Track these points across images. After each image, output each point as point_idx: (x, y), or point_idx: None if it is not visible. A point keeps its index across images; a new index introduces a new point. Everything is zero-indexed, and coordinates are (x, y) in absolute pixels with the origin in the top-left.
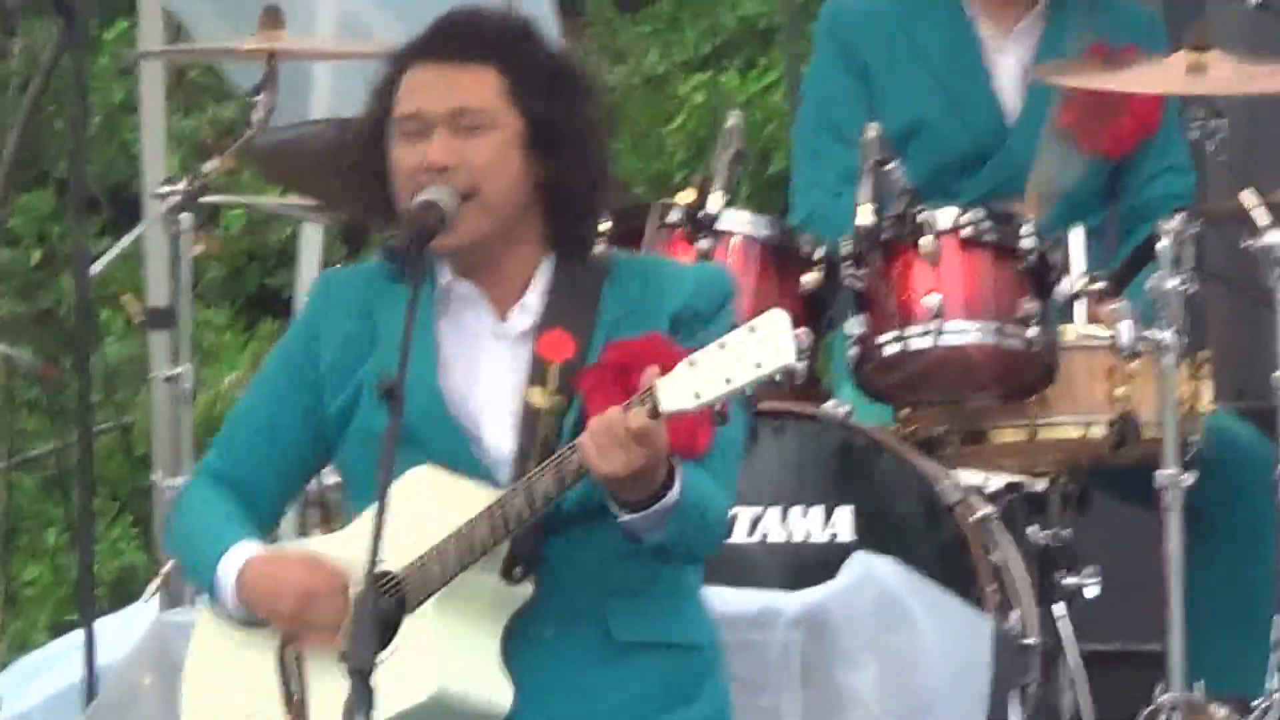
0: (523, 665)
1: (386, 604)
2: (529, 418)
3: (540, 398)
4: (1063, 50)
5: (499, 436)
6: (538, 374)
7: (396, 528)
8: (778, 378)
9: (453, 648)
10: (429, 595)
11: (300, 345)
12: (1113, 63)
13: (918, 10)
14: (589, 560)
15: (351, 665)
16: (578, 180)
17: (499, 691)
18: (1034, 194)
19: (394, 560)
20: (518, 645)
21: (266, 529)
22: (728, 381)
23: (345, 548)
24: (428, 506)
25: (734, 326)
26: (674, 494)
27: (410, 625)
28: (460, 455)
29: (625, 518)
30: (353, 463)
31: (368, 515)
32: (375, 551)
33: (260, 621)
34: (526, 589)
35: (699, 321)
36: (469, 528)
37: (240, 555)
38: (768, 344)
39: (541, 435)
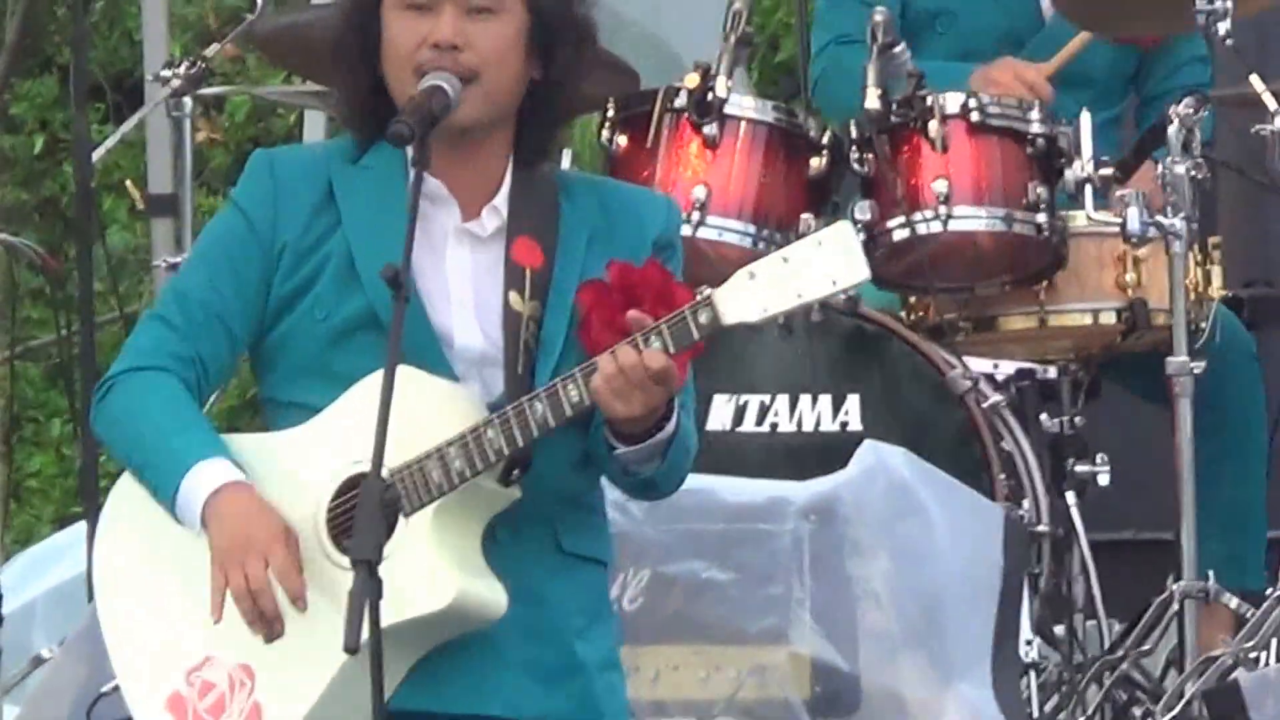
0: None
1: (389, 499)
2: (511, 322)
3: (520, 303)
4: None
5: (470, 339)
6: (514, 279)
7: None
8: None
9: (456, 551)
10: (430, 499)
11: (252, 222)
12: None
13: None
14: (549, 468)
15: (356, 556)
16: (565, 84)
17: (497, 592)
18: (1051, 67)
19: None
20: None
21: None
22: (798, 295)
23: (314, 443)
24: (410, 406)
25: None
26: (671, 426)
27: (407, 528)
28: (431, 354)
29: (623, 450)
30: (297, 344)
31: (341, 407)
32: (381, 441)
33: None
34: (515, 493)
35: (670, 248)
36: (476, 433)
37: (215, 476)
38: (839, 257)
39: (524, 340)
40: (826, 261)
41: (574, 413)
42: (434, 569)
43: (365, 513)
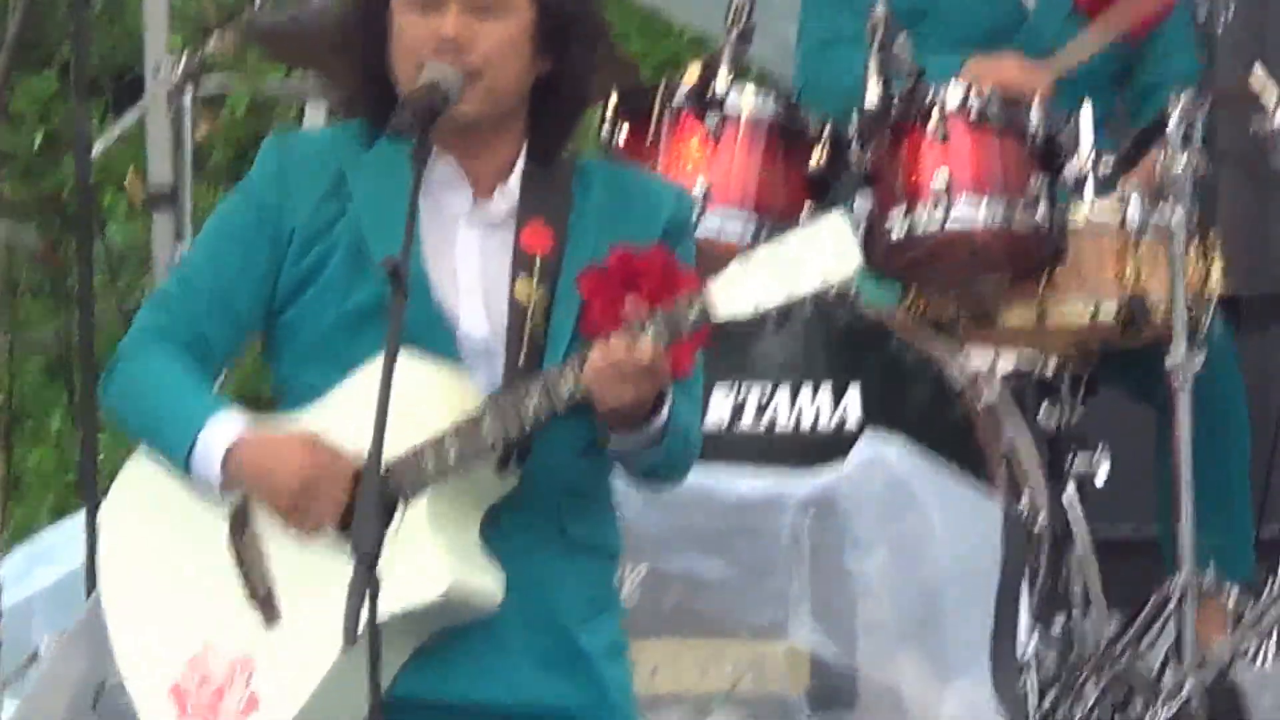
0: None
1: (388, 491)
2: (515, 311)
3: (525, 290)
4: None
5: (475, 324)
6: (522, 265)
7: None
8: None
9: (452, 540)
10: (426, 488)
11: (260, 205)
12: None
13: None
14: (554, 454)
15: (356, 548)
16: (575, 81)
17: (495, 581)
18: (1054, 68)
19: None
20: (482, 534)
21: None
22: (792, 290)
23: (317, 429)
24: (410, 393)
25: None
26: (664, 414)
27: (404, 517)
28: (438, 340)
29: (615, 438)
30: (307, 328)
31: (342, 392)
32: (381, 431)
33: (235, 499)
34: (513, 481)
35: (681, 234)
36: (472, 422)
37: (228, 430)
38: (832, 250)
39: (529, 330)
40: (818, 255)
41: (568, 404)
42: (428, 559)
43: (363, 505)
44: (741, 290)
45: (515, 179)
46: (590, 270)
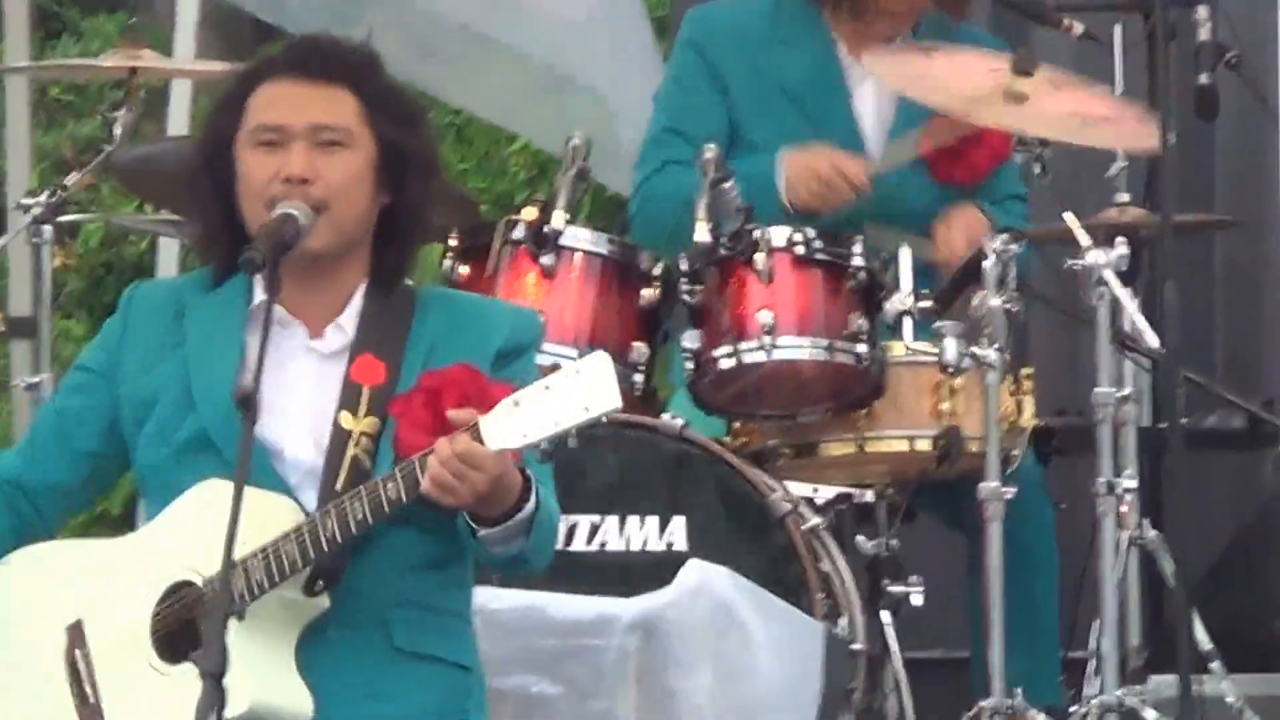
0: (309, 666)
1: (209, 610)
2: (338, 438)
3: (351, 421)
4: None
5: (301, 451)
6: (350, 398)
7: (194, 536)
8: (604, 420)
9: (257, 659)
10: (235, 610)
11: (102, 352)
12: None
13: (781, 31)
14: (380, 571)
15: (204, 668)
16: (414, 211)
17: (302, 701)
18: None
19: (189, 569)
20: (304, 645)
21: (49, 532)
22: (556, 424)
23: (139, 551)
24: (225, 517)
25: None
26: (530, 505)
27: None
28: (261, 466)
29: (484, 533)
30: (145, 463)
31: (168, 516)
32: (229, 554)
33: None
34: (324, 602)
35: (515, 356)
36: (275, 546)
37: None
38: (594, 387)
39: (351, 455)
40: (582, 390)
41: (391, 510)
42: (233, 679)
43: (209, 625)
44: (512, 423)
45: (351, 313)
46: (399, 395)
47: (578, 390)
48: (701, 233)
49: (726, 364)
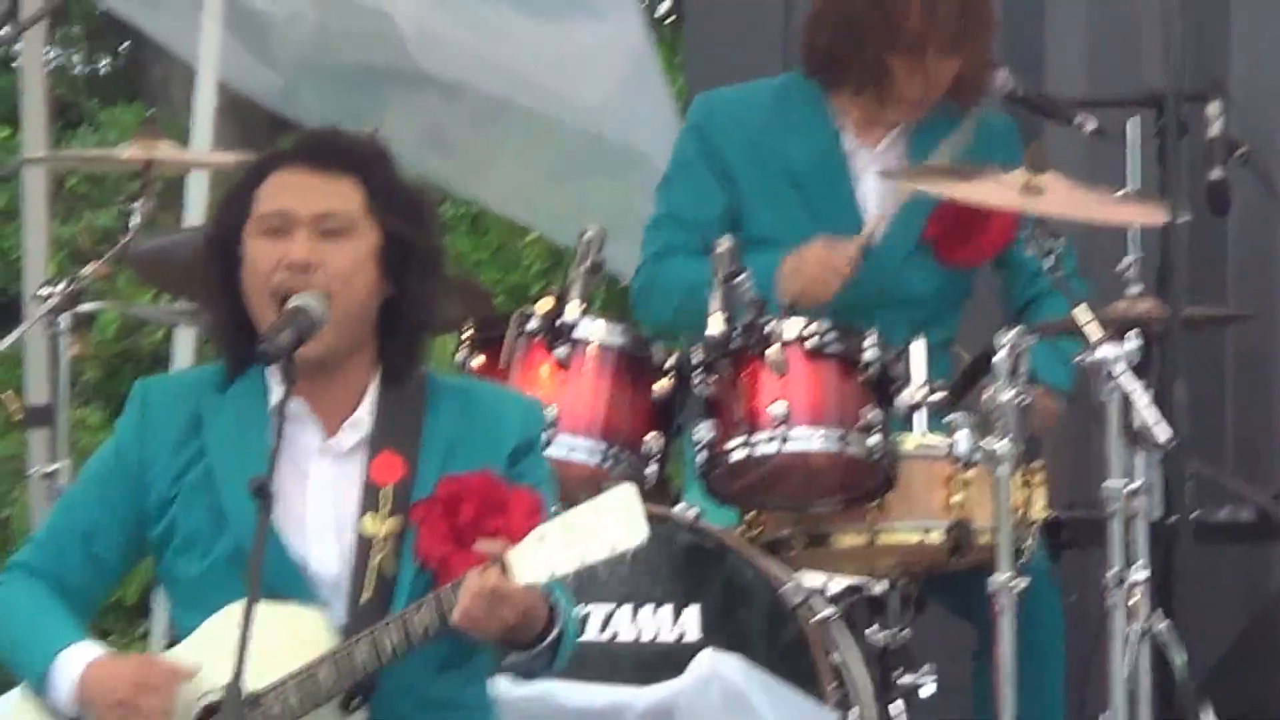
0: None
1: None
2: (361, 548)
3: (373, 525)
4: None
5: (326, 565)
6: (371, 499)
7: (225, 657)
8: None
9: None
10: None
11: (123, 452)
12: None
13: (786, 115)
14: (412, 677)
15: None
16: (420, 302)
17: None
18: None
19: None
20: None
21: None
22: (583, 558)
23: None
24: (263, 636)
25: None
26: (557, 630)
27: None
28: (288, 578)
29: (511, 659)
30: (176, 575)
31: (202, 634)
32: (241, 665)
33: None
34: (361, 718)
35: (528, 450)
36: (310, 672)
37: (82, 656)
38: (622, 520)
39: (374, 565)
40: (608, 526)
41: (424, 640)
42: None
43: None
44: (538, 558)
45: (366, 408)
46: (419, 502)
47: (603, 526)
48: (715, 325)
49: (739, 455)
